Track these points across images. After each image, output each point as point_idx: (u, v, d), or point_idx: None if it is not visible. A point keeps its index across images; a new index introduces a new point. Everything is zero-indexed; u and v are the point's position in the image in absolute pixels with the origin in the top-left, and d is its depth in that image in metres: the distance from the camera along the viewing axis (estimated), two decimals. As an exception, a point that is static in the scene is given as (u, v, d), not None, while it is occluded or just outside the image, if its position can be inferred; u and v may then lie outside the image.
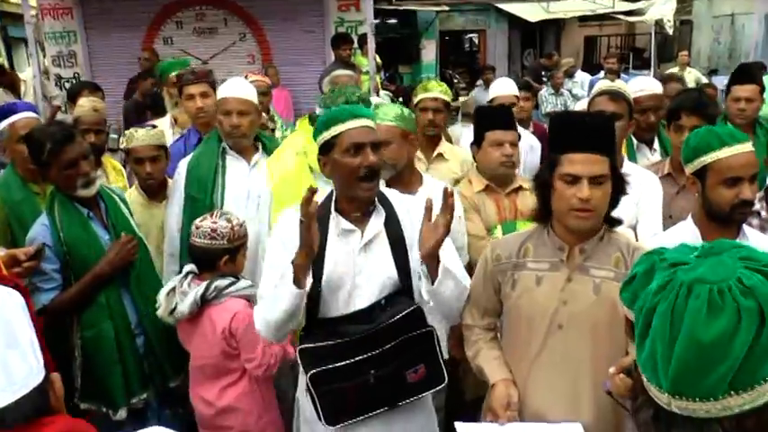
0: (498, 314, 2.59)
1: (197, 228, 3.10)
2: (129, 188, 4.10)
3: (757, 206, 3.13)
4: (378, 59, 8.77)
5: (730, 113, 4.48)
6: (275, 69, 8.03)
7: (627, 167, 3.40)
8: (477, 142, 3.54)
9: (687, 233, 2.63)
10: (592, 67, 15.60)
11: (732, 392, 0.99)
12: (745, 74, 4.60)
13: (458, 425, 2.31)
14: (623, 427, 2.35)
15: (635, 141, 4.20)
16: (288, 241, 2.46)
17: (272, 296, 2.39)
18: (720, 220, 2.56)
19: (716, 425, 1.01)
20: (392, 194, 2.68)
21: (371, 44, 7.51)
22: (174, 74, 5.24)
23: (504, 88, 5.18)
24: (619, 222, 2.40)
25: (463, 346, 2.70)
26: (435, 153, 4.19)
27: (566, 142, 2.30)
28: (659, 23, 15.55)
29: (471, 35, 20.81)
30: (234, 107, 3.67)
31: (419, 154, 3.78)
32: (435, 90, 4.26)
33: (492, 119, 3.59)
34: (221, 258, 3.08)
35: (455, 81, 17.57)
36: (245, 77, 4.88)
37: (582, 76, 11.05)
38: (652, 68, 15.63)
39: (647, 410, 1.10)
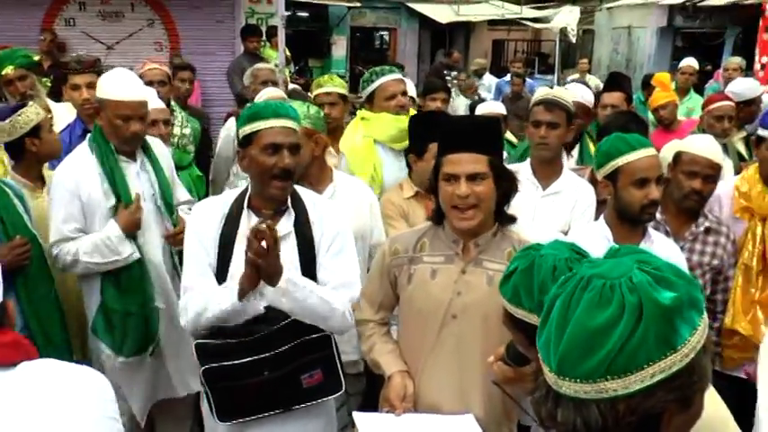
0: (392, 309, 2.66)
1: None
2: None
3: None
4: (287, 52, 8.74)
5: (600, 120, 4.60)
6: (181, 59, 7.87)
7: (566, 175, 3.55)
8: (419, 152, 3.44)
9: (598, 233, 2.81)
10: (499, 69, 16.02)
11: (608, 377, 1.08)
12: (614, 82, 4.78)
13: (356, 415, 2.37)
14: (512, 416, 2.48)
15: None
16: (201, 233, 2.53)
17: (211, 298, 2.43)
18: (630, 221, 2.76)
19: (593, 406, 1.10)
20: (306, 195, 2.70)
21: (282, 37, 7.51)
22: (8, 70, 4.62)
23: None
24: (513, 220, 2.50)
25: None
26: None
27: (446, 144, 2.41)
28: (563, 31, 16.07)
29: (382, 33, 20.95)
30: (135, 113, 3.28)
31: (331, 149, 3.81)
32: (328, 85, 4.30)
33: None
34: None
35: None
36: (143, 66, 4.78)
37: (489, 79, 11.31)
38: (556, 74, 16.19)
39: (540, 390, 1.18)
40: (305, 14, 17.92)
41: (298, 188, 2.70)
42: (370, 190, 3.52)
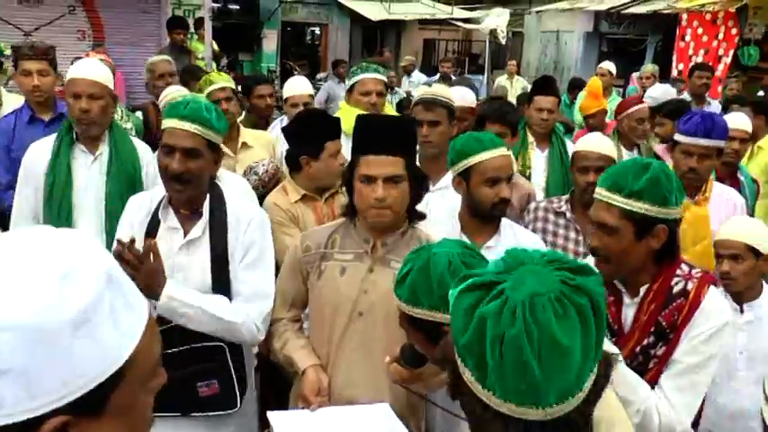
0: (304, 306, 2.66)
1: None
2: None
3: (564, 207, 3.40)
4: (215, 46, 8.58)
5: (532, 122, 4.66)
6: (104, 48, 7.64)
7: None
8: (314, 152, 3.32)
9: (449, 228, 2.88)
10: (430, 69, 16.12)
11: (564, 399, 1.07)
12: (547, 86, 4.83)
13: (270, 414, 2.35)
14: (419, 408, 2.51)
15: (531, 138, 4.52)
16: (133, 225, 2.58)
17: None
18: (482, 217, 2.85)
19: (521, 423, 1.09)
20: (232, 199, 2.67)
21: (209, 29, 7.36)
22: None
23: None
24: (422, 216, 2.56)
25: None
26: (240, 143, 4.18)
27: (363, 144, 2.42)
28: (493, 33, 16.27)
29: (314, 28, 20.83)
30: (83, 89, 3.28)
31: (225, 149, 3.75)
32: (219, 80, 4.29)
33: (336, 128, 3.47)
34: None
35: (295, 72, 17.51)
36: (86, 56, 4.69)
37: (418, 77, 11.37)
38: (486, 74, 16.39)
39: (476, 405, 1.14)
40: (235, 7, 17.65)
41: (227, 191, 2.68)
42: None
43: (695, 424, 2.30)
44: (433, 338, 1.90)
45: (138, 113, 5.16)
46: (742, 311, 3.02)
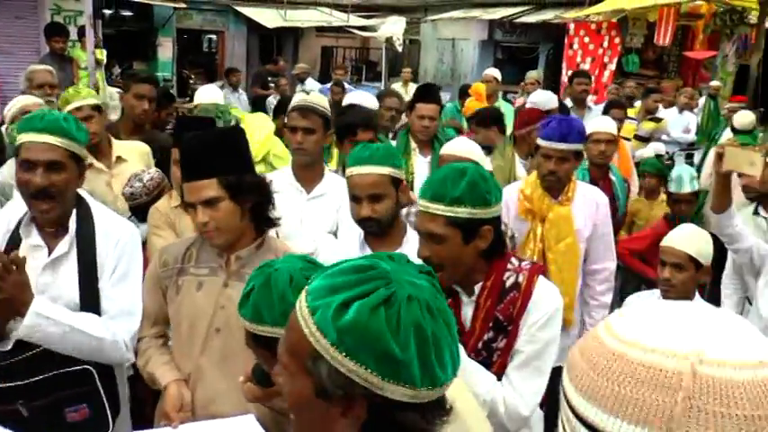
0: (167, 321, 2.59)
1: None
2: None
3: None
4: (100, 54, 8.30)
5: (414, 129, 4.75)
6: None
7: (328, 177, 3.61)
8: None
9: (354, 239, 2.86)
10: (328, 76, 16.13)
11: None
12: (428, 93, 4.91)
13: None
14: (285, 421, 2.49)
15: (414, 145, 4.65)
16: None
17: None
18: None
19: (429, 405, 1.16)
20: (100, 213, 2.58)
21: (90, 37, 7.07)
22: None
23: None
24: (274, 223, 2.52)
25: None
26: (114, 157, 4.05)
27: (183, 170, 2.39)
28: (390, 41, 16.45)
29: (210, 36, 20.52)
30: None
31: (98, 165, 3.64)
32: (76, 99, 4.00)
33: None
34: None
35: (191, 81, 17.21)
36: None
37: (312, 84, 11.35)
38: (383, 82, 16.52)
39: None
40: (128, 14, 17.20)
41: (94, 204, 2.59)
42: None
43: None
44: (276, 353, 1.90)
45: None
46: None
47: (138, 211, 3.63)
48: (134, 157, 4.11)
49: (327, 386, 1.12)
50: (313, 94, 3.81)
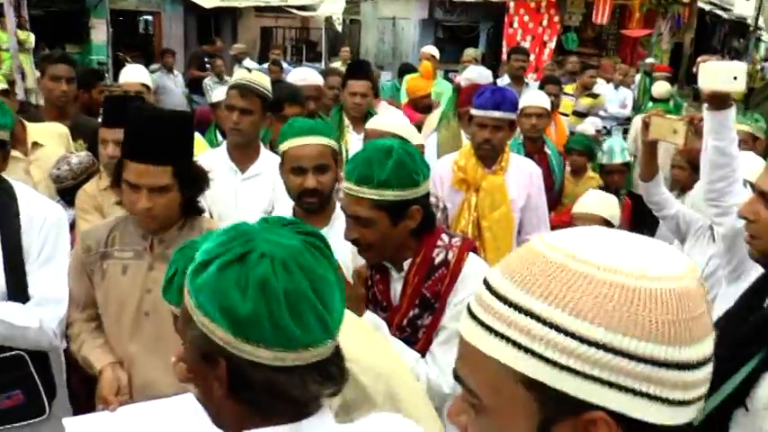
0: (96, 305, 2.53)
1: None
2: None
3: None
4: (27, 36, 8.02)
5: (347, 106, 4.75)
6: None
7: (263, 156, 3.55)
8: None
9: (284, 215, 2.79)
10: (267, 57, 15.88)
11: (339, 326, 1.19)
12: (360, 70, 4.91)
13: (65, 421, 2.21)
14: None
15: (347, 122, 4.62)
16: None
17: None
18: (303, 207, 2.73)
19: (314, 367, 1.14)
20: (24, 194, 2.49)
21: (10, 17, 6.80)
22: None
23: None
24: (200, 211, 2.49)
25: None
26: (30, 143, 3.88)
27: (130, 149, 2.30)
28: (329, 20, 16.33)
29: (146, 17, 20.04)
30: None
31: (14, 153, 3.48)
32: None
33: None
34: None
35: (128, 64, 16.79)
36: None
37: (250, 64, 11.18)
38: (323, 62, 16.40)
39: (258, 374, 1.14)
40: (58, -5, 16.67)
41: (18, 187, 2.50)
42: None
43: None
44: None
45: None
46: None
47: (66, 194, 3.53)
48: (52, 141, 3.94)
49: (197, 348, 1.14)
50: (255, 72, 3.66)
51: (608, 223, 3.21)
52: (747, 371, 1.81)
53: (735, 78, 2.52)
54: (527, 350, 0.79)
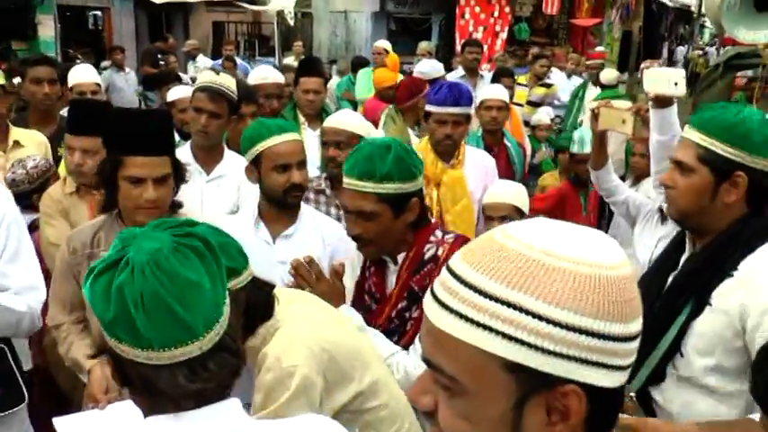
0: (84, 306, 2.55)
1: None
2: None
3: (323, 184, 3.47)
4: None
5: (300, 103, 4.77)
6: None
7: (228, 157, 3.58)
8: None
9: (248, 216, 2.87)
10: (220, 53, 15.76)
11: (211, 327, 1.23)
12: (312, 67, 4.95)
13: (56, 421, 2.24)
14: None
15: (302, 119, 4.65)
16: None
17: None
18: (279, 205, 2.80)
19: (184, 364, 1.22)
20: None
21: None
22: None
23: None
24: (179, 206, 2.58)
25: (46, 352, 2.66)
26: (11, 142, 3.93)
27: (129, 145, 2.38)
28: (281, 14, 16.22)
29: (95, 12, 19.67)
30: None
31: None
32: None
33: None
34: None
35: (78, 61, 16.48)
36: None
37: (203, 61, 11.12)
38: (276, 56, 16.31)
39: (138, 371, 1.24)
40: (1, -10, 16.27)
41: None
42: None
43: None
44: None
45: None
46: None
47: (22, 198, 3.42)
48: (32, 145, 3.97)
49: (103, 344, 1.26)
50: (223, 75, 3.64)
51: (519, 211, 3.35)
52: (680, 322, 2.04)
53: (675, 84, 2.75)
54: (505, 335, 0.85)
